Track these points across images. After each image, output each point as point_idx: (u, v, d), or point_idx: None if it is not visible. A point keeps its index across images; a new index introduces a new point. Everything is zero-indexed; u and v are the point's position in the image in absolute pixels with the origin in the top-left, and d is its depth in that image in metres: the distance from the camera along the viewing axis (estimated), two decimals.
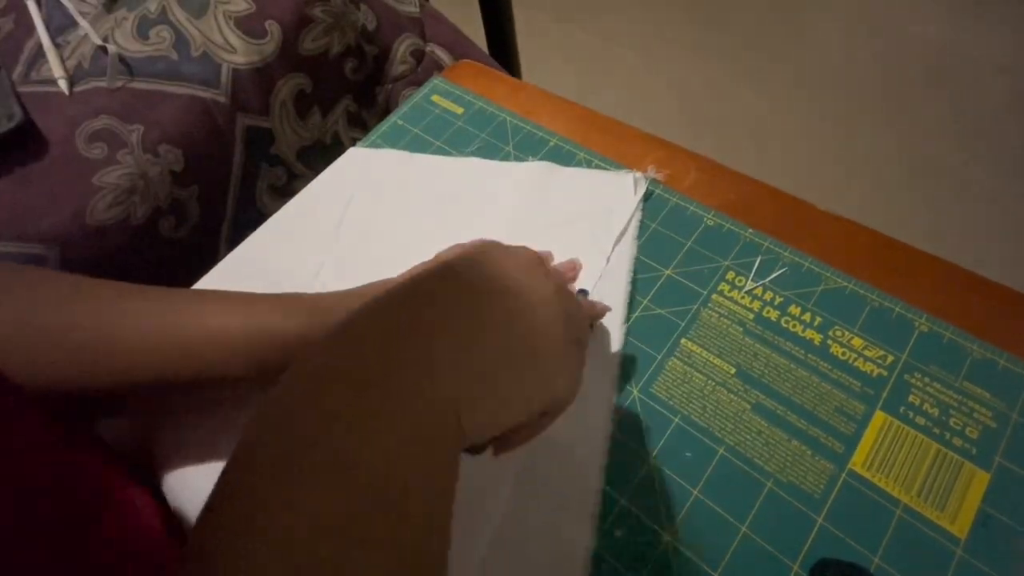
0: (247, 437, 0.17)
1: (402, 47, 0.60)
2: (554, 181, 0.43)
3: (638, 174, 0.41)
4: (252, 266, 0.42)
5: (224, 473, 0.16)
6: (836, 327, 0.33)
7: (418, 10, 0.62)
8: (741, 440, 0.31)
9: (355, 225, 0.43)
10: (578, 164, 0.44)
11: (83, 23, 0.51)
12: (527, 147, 0.45)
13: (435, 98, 0.51)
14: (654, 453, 0.31)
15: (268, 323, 0.28)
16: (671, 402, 0.33)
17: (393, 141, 0.48)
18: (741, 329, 0.34)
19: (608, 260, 0.38)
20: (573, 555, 0.28)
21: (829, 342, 0.33)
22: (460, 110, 0.49)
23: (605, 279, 0.37)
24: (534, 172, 0.43)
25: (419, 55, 0.61)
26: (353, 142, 0.50)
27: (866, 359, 0.32)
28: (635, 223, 0.39)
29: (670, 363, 0.34)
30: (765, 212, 0.39)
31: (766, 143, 1.28)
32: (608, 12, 1.60)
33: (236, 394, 0.29)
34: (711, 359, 0.34)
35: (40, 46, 0.50)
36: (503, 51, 0.85)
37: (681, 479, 0.30)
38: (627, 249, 0.38)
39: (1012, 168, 1.16)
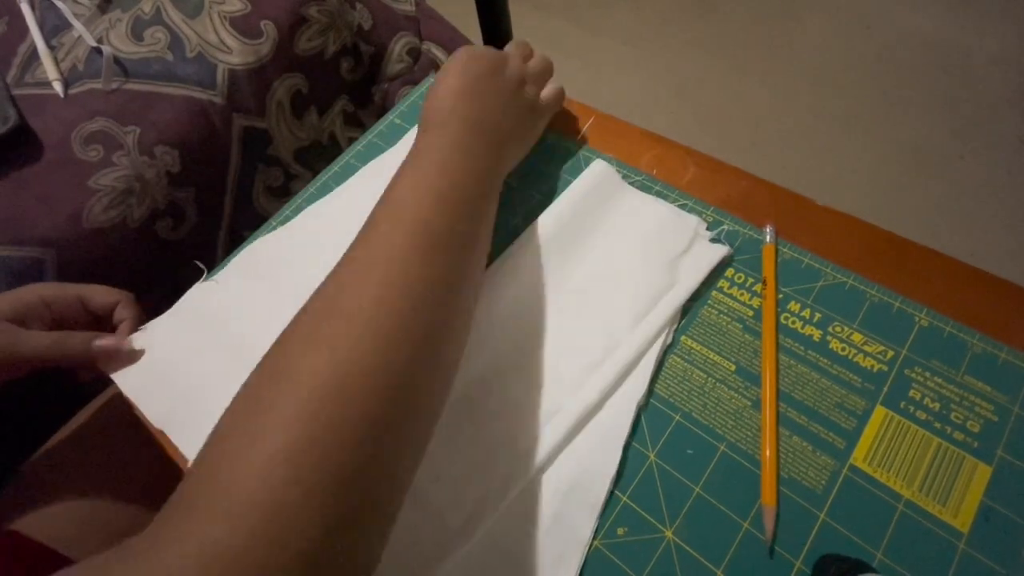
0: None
1: (398, 46, 0.60)
2: (619, 195, 0.41)
3: (706, 230, 0.38)
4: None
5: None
6: (836, 323, 0.33)
7: (414, 8, 0.62)
8: (742, 437, 0.31)
9: None
10: (576, 161, 0.44)
11: (77, 25, 0.51)
12: None
13: None
14: (655, 451, 0.31)
15: None
16: (671, 399, 0.32)
17: (390, 141, 0.48)
18: (740, 326, 0.34)
19: (662, 297, 0.35)
20: (573, 541, 0.29)
21: (829, 338, 0.33)
22: None
23: (653, 318, 0.35)
24: (600, 178, 0.41)
25: (415, 54, 0.61)
26: (350, 142, 0.50)
27: (866, 354, 0.32)
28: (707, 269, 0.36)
29: (670, 361, 0.34)
30: (763, 208, 0.39)
31: (764, 138, 1.28)
32: (604, 8, 1.60)
33: None
34: (711, 356, 0.34)
35: (34, 48, 0.50)
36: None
37: (683, 476, 0.30)
38: (681, 297, 0.35)
39: (1010, 160, 1.16)
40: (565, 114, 0.47)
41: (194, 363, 0.37)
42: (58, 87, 0.48)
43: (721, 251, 0.37)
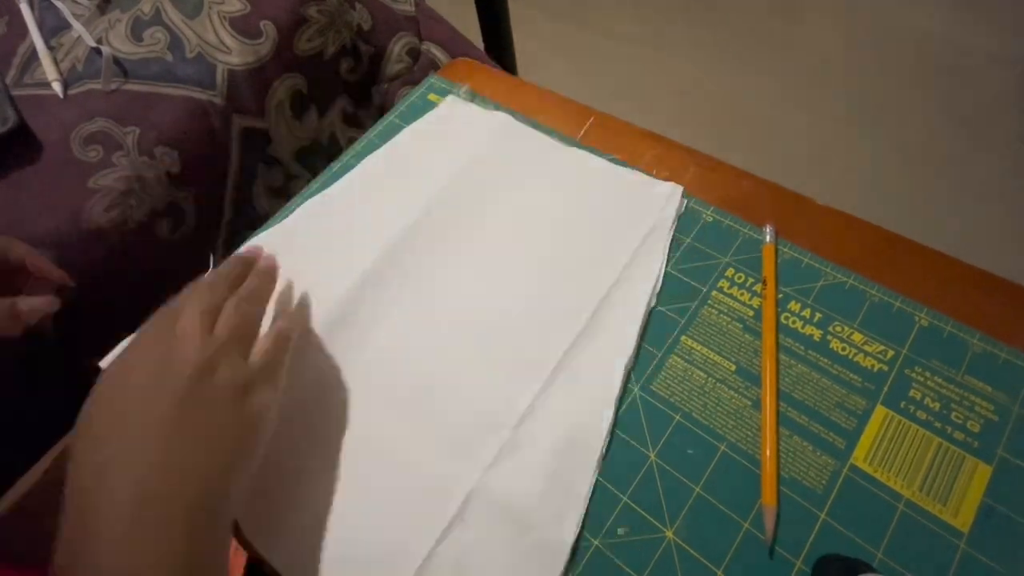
0: None
1: (398, 46, 0.60)
2: (591, 173, 0.43)
3: (677, 187, 0.40)
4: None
5: None
6: (836, 322, 0.33)
7: (414, 9, 0.62)
8: (742, 437, 0.31)
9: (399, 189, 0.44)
10: None
11: (76, 25, 0.50)
12: None
13: (431, 97, 0.51)
14: (656, 451, 0.31)
15: None
16: (672, 399, 0.32)
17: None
18: (741, 326, 0.34)
19: (628, 263, 0.37)
20: (573, 496, 0.30)
21: (829, 337, 0.33)
22: None
23: (628, 280, 0.37)
24: (571, 160, 0.43)
25: (415, 54, 0.61)
26: (350, 142, 0.50)
27: (866, 354, 0.32)
28: (669, 235, 0.38)
29: (670, 361, 0.34)
30: (764, 208, 0.39)
31: (764, 138, 1.28)
32: (604, 8, 1.60)
33: None
34: (711, 356, 0.34)
35: (33, 49, 0.50)
36: (499, 49, 0.85)
37: (683, 476, 0.30)
38: (658, 258, 0.37)
39: (1011, 160, 1.16)
40: (566, 114, 0.47)
41: None
42: (57, 87, 0.48)
43: (668, 187, 0.40)
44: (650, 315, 0.35)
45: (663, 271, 0.37)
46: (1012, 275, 0.33)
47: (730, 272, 0.37)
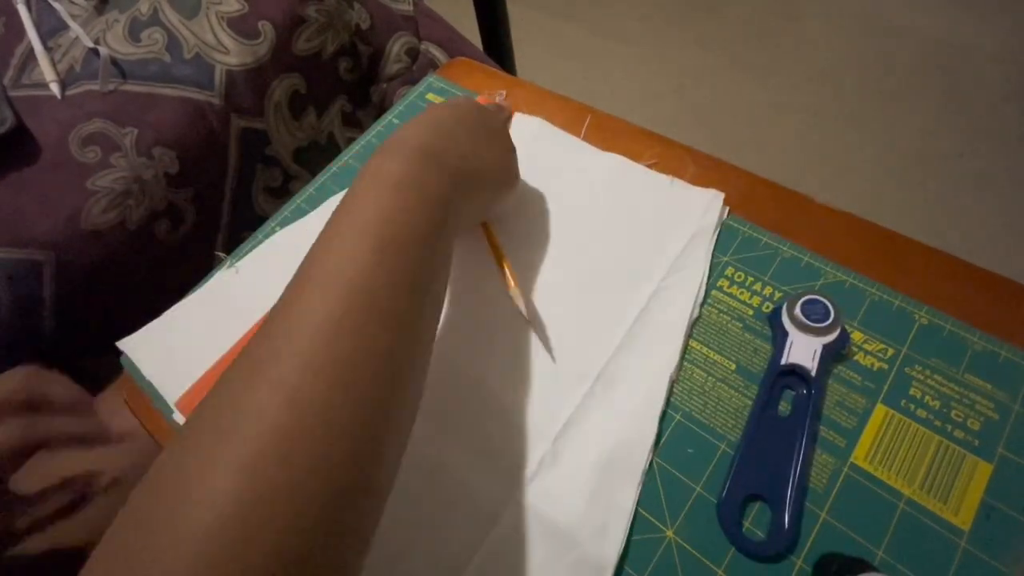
0: None
1: (396, 46, 0.60)
2: (628, 180, 0.42)
3: (719, 194, 0.39)
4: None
5: None
6: None
7: (412, 8, 0.62)
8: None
9: None
10: None
11: (74, 26, 0.50)
12: None
13: (430, 96, 0.51)
14: (656, 450, 0.31)
15: None
16: (672, 399, 0.32)
17: None
18: (741, 325, 0.34)
19: (667, 273, 0.37)
20: (616, 511, 0.29)
21: None
22: None
23: (668, 289, 0.36)
24: (608, 166, 0.43)
25: (414, 54, 0.61)
26: (349, 142, 0.50)
27: (866, 352, 0.32)
28: (711, 244, 0.37)
29: None
30: (763, 207, 0.39)
31: (764, 137, 1.28)
32: (602, 8, 1.60)
33: None
34: (711, 355, 0.33)
35: (31, 50, 0.49)
36: (498, 49, 0.85)
37: (683, 476, 0.30)
38: (699, 267, 0.36)
39: (1010, 158, 1.16)
40: (565, 113, 0.47)
41: (213, 352, 0.37)
42: (55, 88, 0.48)
43: (709, 195, 0.39)
44: (694, 325, 0.35)
45: (706, 280, 0.36)
46: (1012, 274, 0.33)
47: (730, 271, 0.36)
